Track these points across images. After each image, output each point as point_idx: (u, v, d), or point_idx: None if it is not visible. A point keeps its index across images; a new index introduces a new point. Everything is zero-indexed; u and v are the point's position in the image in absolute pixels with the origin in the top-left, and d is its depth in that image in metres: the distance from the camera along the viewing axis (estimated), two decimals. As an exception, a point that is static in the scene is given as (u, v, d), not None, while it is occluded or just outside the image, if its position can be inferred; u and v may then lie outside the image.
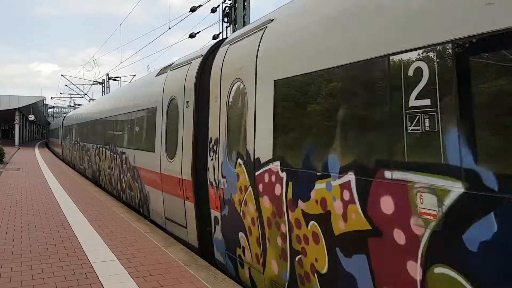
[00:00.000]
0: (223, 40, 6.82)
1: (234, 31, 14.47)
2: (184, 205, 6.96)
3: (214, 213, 6.01)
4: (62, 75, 48.80)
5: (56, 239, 7.22)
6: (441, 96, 2.71)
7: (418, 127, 2.85)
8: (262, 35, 4.95)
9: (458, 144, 2.60)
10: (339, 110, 3.64)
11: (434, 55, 2.78)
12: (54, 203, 10.79)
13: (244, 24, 14.32)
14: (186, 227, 7.04)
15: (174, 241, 7.19)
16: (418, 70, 2.86)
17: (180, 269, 5.70)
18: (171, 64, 8.51)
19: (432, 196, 2.74)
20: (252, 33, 5.27)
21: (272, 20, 4.93)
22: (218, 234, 5.97)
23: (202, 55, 6.88)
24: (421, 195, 2.82)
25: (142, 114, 9.68)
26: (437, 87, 2.73)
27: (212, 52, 6.69)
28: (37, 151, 39.55)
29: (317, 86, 3.94)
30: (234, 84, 5.46)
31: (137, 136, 10.15)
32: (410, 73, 2.91)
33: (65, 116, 32.94)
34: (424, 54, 2.83)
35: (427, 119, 2.79)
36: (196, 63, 6.91)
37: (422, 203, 2.80)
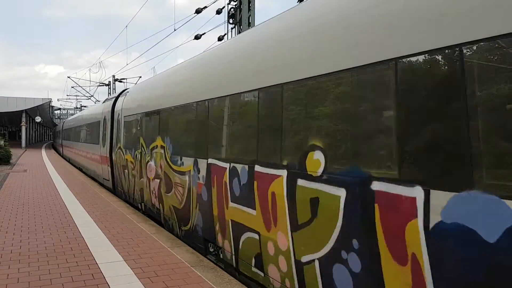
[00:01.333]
0: (123, 90, 14.44)
1: (239, 32, 14.49)
2: (108, 168, 14.31)
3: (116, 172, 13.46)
4: (69, 77, 49.16)
5: (63, 240, 7.25)
6: None
7: None
8: (126, 95, 12.70)
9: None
10: (143, 129, 10.37)
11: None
12: (60, 204, 10.84)
13: (249, 25, 14.33)
14: (108, 180, 14.26)
15: (180, 242, 7.20)
16: None
17: (186, 270, 5.70)
18: (107, 98, 17.13)
19: None
20: (121, 95, 13.64)
21: (127, 90, 13.54)
22: (117, 180, 13.09)
23: (115, 97, 14.52)
24: None
25: (93, 124, 18.17)
26: None
27: (119, 96, 14.05)
28: (43, 152, 39.80)
29: (138, 121, 10.51)
30: (117, 114, 13.37)
31: (90, 135, 18.94)
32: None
33: (64, 121, 43.35)
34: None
35: None
36: (112, 100, 14.50)
37: None
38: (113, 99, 14.32)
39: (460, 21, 2.65)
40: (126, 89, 14.24)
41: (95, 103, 42.07)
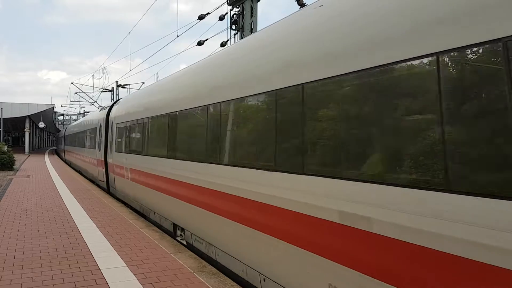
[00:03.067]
0: (116, 101, 16.29)
1: (242, 38, 14.55)
2: (103, 170, 15.71)
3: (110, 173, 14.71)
4: (72, 83, 49.23)
5: (66, 245, 7.26)
6: None
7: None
8: (118, 105, 14.72)
9: None
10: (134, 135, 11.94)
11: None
12: (63, 210, 10.86)
13: (251, 31, 14.39)
14: (103, 180, 15.76)
15: (183, 248, 7.19)
16: None
17: (189, 275, 5.70)
18: (103, 106, 19.38)
19: None
20: (114, 104, 15.36)
21: (119, 100, 15.68)
22: (111, 181, 14.55)
23: (109, 105, 16.07)
24: None
25: (91, 130, 19.95)
26: None
27: (113, 104, 15.68)
28: (46, 158, 39.91)
29: (130, 127, 12.02)
30: (111, 121, 14.88)
31: (88, 141, 20.54)
32: None
33: (66, 128, 45.53)
34: None
35: None
36: (106, 109, 16.24)
37: None
38: (108, 108, 16.36)
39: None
40: (120, 98, 17.03)
41: (97, 108, 42.37)
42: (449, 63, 2.88)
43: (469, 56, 2.77)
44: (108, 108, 16.31)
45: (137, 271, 5.86)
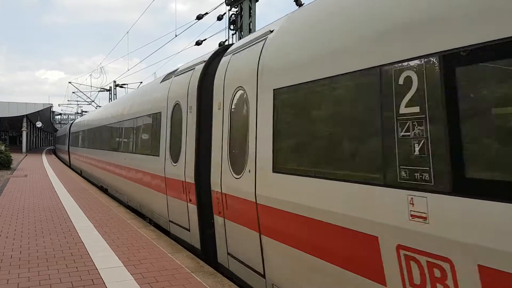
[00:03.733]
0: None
1: (240, 38, 14.54)
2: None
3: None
4: (70, 82, 49.22)
5: (63, 245, 7.24)
6: None
7: None
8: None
9: None
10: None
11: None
12: (61, 209, 10.83)
13: (250, 31, 14.39)
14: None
15: (181, 248, 7.18)
16: None
17: (187, 275, 5.69)
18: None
19: None
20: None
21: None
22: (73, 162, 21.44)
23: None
24: None
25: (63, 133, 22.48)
26: None
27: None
28: (44, 157, 39.79)
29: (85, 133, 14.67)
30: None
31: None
32: None
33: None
34: None
35: None
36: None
37: None
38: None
39: None
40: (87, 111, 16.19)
41: (95, 108, 42.28)
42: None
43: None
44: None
45: (134, 271, 5.85)
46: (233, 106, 5.70)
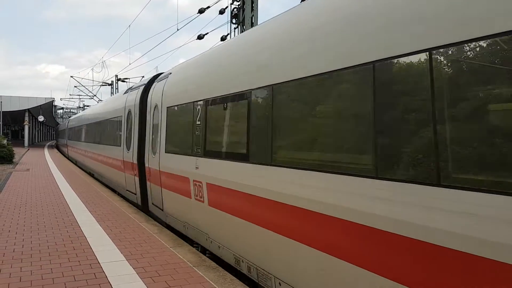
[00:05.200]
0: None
1: (242, 31, 14.48)
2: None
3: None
4: (72, 77, 49.02)
5: (66, 239, 7.26)
6: None
7: None
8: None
9: None
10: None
11: None
12: (63, 203, 10.86)
13: (252, 25, 14.32)
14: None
15: (183, 242, 7.20)
16: None
17: (189, 269, 5.70)
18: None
19: None
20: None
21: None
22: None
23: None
24: None
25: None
26: None
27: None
28: (46, 151, 39.87)
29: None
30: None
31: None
32: None
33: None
34: None
35: None
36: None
37: None
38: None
39: None
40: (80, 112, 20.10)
41: (97, 102, 42.34)
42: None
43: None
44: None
45: (136, 265, 5.86)
46: (153, 114, 9.47)
